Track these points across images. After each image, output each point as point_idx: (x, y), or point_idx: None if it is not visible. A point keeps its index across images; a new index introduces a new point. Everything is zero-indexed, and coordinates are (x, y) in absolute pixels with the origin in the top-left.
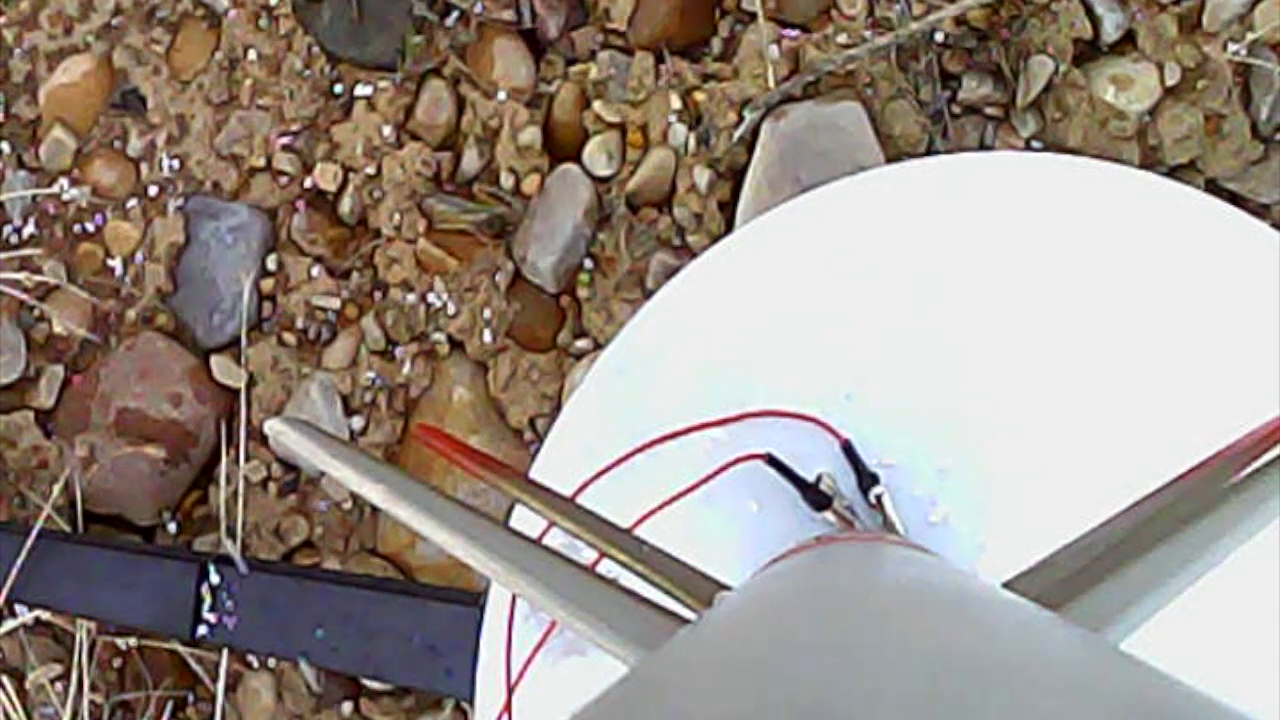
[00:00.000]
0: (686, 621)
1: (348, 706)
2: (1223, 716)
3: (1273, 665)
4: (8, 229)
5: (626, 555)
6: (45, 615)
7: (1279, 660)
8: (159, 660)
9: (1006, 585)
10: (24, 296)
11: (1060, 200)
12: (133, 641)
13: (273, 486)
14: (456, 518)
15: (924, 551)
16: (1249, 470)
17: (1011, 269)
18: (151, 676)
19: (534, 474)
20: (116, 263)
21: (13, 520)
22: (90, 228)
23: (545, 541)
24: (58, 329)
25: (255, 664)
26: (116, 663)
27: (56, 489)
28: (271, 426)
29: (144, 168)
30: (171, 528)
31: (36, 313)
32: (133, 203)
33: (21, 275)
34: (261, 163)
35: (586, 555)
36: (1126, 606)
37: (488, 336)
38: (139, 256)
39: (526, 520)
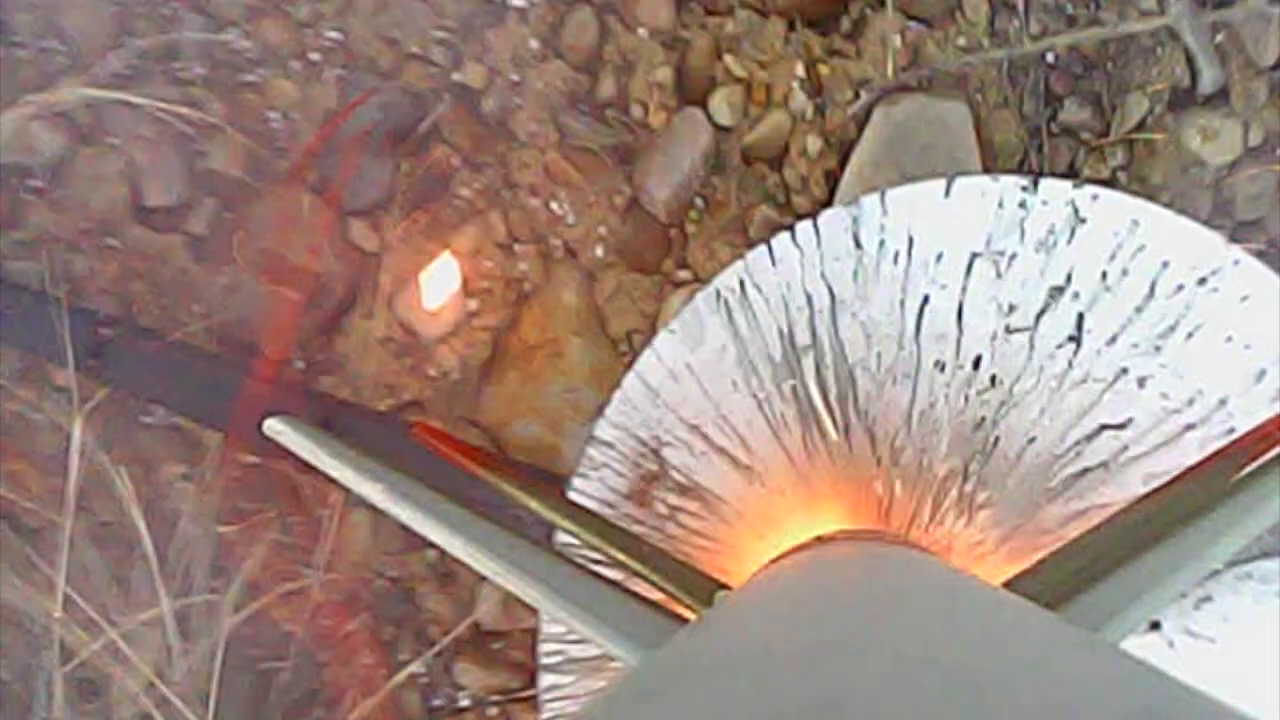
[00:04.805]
0: (686, 621)
1: (433, 552)
2: (1222, 716)
3: (1273, 666)
4: (177, 65)
5: (626, 555)
6: (180, 421)
7: (1279, 660)
8: (274, 479)
9: (1006, 585)
10: (189, 130)
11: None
12: (253, 459)
13: (393, 346)
14: (456, 517)
15: (923, 551)
16: (1249, 470)
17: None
18: (267, 492)
19: (623, 389)
20: (275, 115)
21: (156, 331)
22: (254, 79)
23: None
24: (215, 166)
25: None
26: (236, 474)
27: (199, 310)
28: (271, 426)
29: (308, 34)
30: (299, 365)
31: (197, 147)
32: (295, 64)
33: (187, 110)
34: (417, 50)
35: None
36: (1126, 606)
37: (599, 250)
38: (295, 115)
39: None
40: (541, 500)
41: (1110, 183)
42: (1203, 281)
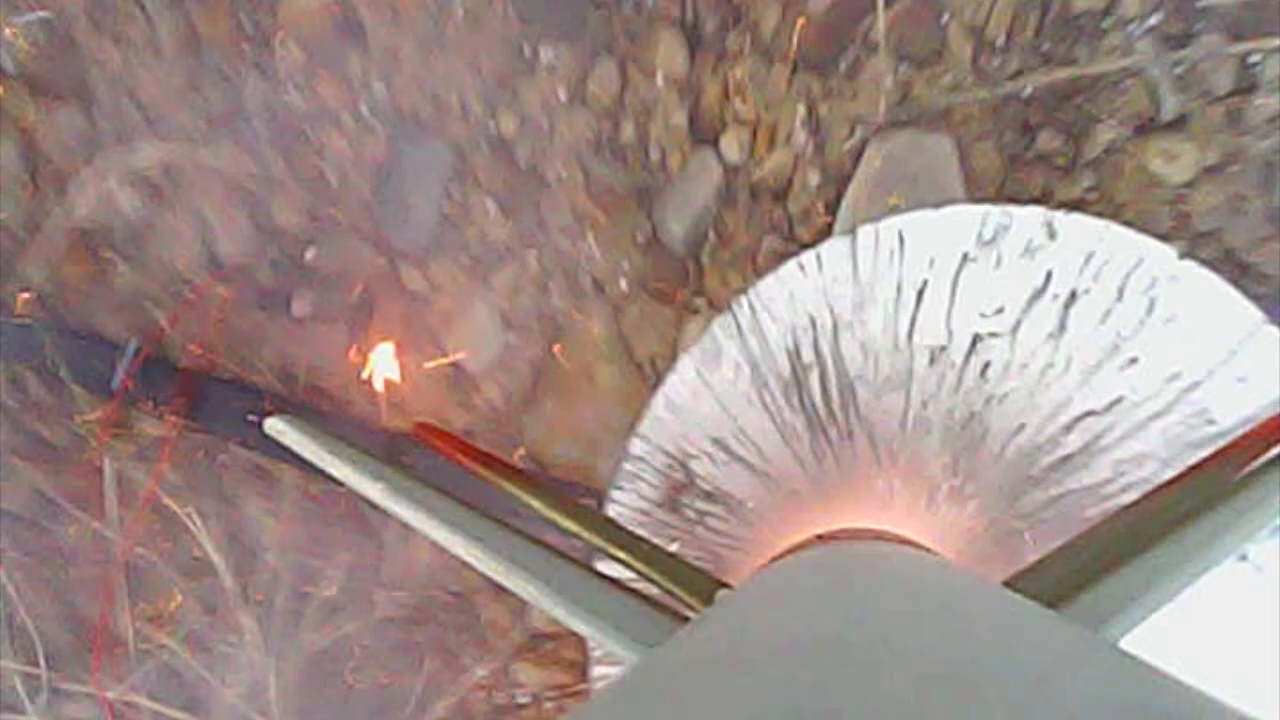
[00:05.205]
0: (686, 620)
1: None
2: (1222, 716)
3: (1273, 665)
4: (242, 124)
5: (627, 555)
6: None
7: (1279, 659)
8: (345, 508)
9: (1007, 584)
10: (252, 186)
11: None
12: (325, 488)
13: (442, 381)
14: (456, 516)
15: (925, 550)
16: (1249, 469)
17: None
18: (339, 519)
19: (651, 409)
20: (328, 167)
21: (234, 378)
22: (309, 134)
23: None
24: (278, 219)
25: None
26: (311, 505)
27: (270, 354)
28: (272, 425)
29: (359, 89)
30: (362, 403)
31: (261, 203)
32: (345, 118)
33: (252, 166)
34: (456, 103)
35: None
36: (1126, 605)
37: (624, 284)
38: (347, 167)
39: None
40: (541, 499)
41: (1081, 203)
42: (1165, 283)
